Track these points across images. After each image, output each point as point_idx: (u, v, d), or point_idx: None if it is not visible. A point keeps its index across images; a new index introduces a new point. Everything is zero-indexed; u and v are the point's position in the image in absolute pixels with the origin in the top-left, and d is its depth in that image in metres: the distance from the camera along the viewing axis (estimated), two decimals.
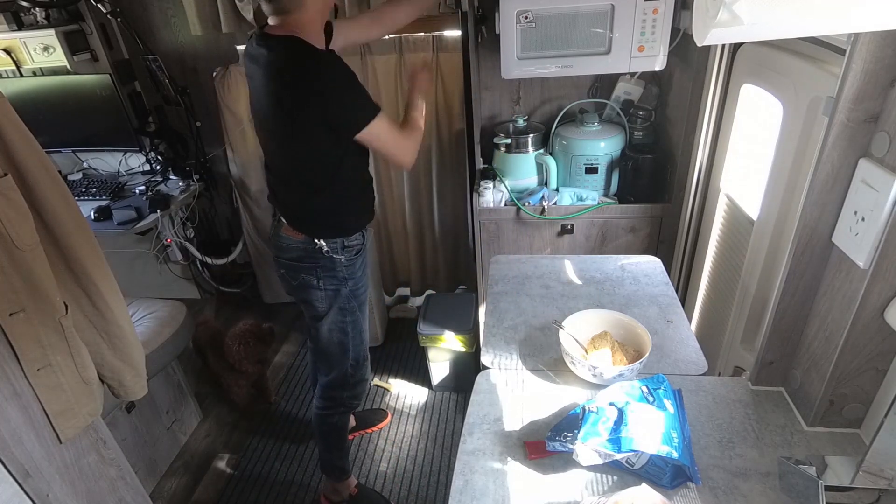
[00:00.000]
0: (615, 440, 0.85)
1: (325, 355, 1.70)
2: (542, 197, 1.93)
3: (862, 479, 0.75)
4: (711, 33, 0.53)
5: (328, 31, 1.48)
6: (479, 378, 1.13)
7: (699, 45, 0.56)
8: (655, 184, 1.92)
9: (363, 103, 1.34)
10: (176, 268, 2.96)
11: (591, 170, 1.95)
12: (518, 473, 0.92)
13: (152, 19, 2.50)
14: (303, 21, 1.33)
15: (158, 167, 2.68)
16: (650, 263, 1.50)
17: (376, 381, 2.49)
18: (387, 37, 2.18)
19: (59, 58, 2.32)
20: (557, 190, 2.00)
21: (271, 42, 1.33)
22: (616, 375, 1.03)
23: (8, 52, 2.36)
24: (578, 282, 1.44)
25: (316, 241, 1.50)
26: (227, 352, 2.14)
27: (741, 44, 1.40)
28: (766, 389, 1.05)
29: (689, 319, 1.44)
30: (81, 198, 2.54)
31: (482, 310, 1.45)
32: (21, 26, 2.35)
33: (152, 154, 2.66)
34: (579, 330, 1.15)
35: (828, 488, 0.76)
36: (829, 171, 0.83)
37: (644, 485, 0.82)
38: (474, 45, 1.81)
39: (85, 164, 2.81)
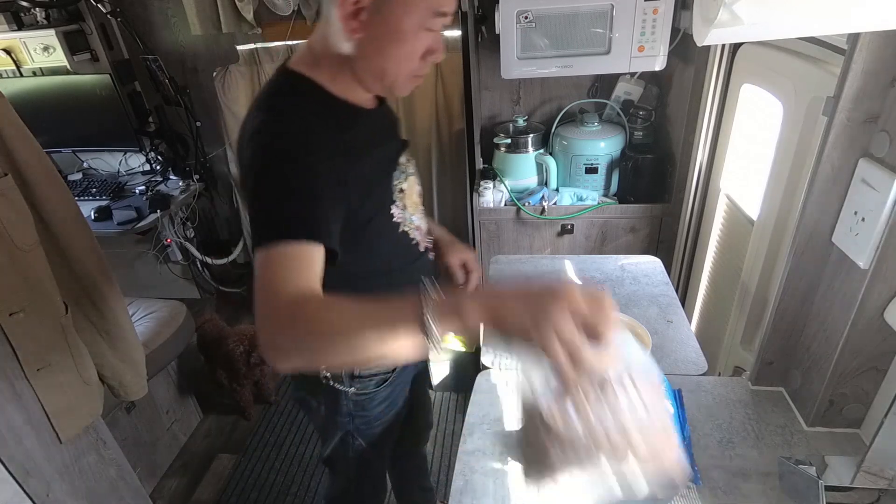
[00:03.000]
0: None
1: (326, 464, 1.29)
2: (542, 197, 1.93)
3: (862, 479, 0.75)
4: (711, 33, 0.53)
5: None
6: (479, 378, 1.13)
7: (699, 45, 0.56)
8: (655, 184, 1.92)
9: (272, 216, 0.78)
10: (176, 268, 2.96)
11: (591, 170, 1.95)
12: (518, 473, 0.92)
13: (152, 19, 2.50)
14: (316, 52, 0.88)
15: (158, 167, 2.68)
16: (650, 263, 1.49)
17: None
18: None
19: (59, 58, 2.32)
20: (557, 190, 2.00)
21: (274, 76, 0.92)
22: None
23: (8, 52, 2.36)
24: (578, 282, 1.44)
25: None
26: (229, 351, 2.14)
27: (741, 44, 1.40)
28: (766, 389, 1.05)
29: (689, 319, 1.44)
30: (81, 198, 2.53)
31: None
32: (21, 26, 2.35)
33: (152, 154, 2.66)
34: None
35: (828, 488, 0.76)
36: (829, 171, 0.83)
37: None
38: (474, 45, 1.81)
39: (85, 164, 2.81)
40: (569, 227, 1.92)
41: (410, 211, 1.03)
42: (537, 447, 0.58)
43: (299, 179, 0.79)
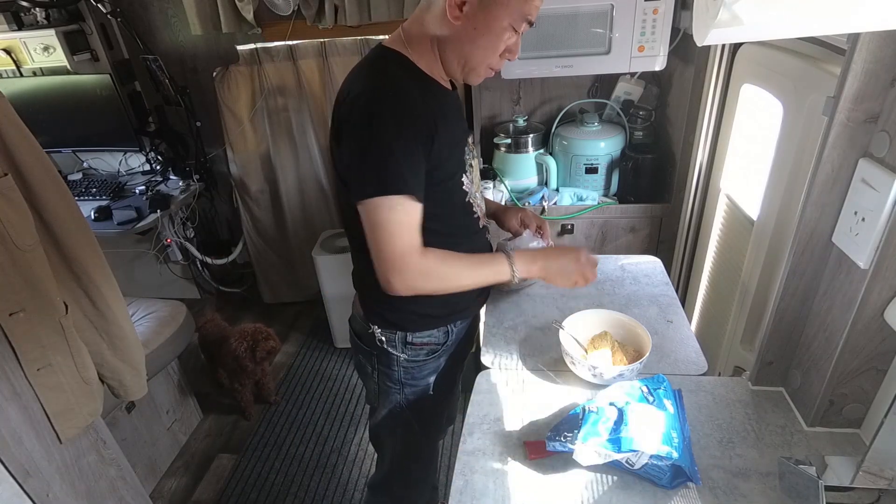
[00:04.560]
0: (615, 440, 0.85)
1: (373, 439, 1.41)
2: (543, 197, 1.93)
3: (862, 479, 0.75)
4: (711, 33, 0.53)
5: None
6: (479, 378, 1.13)
7: (699, 45, 0.56)
8: (655, 184, 1.92)
9: (379, 171, 0.92)
10: (176, 268, 2.96)
11: (591, 170, 1.95)
12: (518, 473, 0.92)
13: (152, 19, 2.50)
14: (409, 34, 1.01)
15: (158, 167, 2.68)
16: (650, 263, 1.49)
17: None
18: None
19: (59, 58, 2.32)
20: (557, 190, 2.00)
21: (373, 51, 1.05)
22: (616, 375, 1.03)
23: (8, 52, 2.36)
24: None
25: (370, 324, 1.15)
26: (231, 350, 2.14)
27: (741, 44, 1.40)
28: (766, 389, 1.05)
29: (689, 319, 1.44)
30: (81, 198, 2.53)
31: (482, 310, 1.46)
32: (21, 26, 2.35)
33: (152, 154, 2.66)
34: (579, 330, 1.15)
35: (828, 488, 0.76)
36: (829, 171, 0.83)
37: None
38: None
39: (85, 164, 2.81)
40: (569, 227, 1.92)
41: (476, 188, 1.15)
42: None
43: (399, 138, 0.92)
